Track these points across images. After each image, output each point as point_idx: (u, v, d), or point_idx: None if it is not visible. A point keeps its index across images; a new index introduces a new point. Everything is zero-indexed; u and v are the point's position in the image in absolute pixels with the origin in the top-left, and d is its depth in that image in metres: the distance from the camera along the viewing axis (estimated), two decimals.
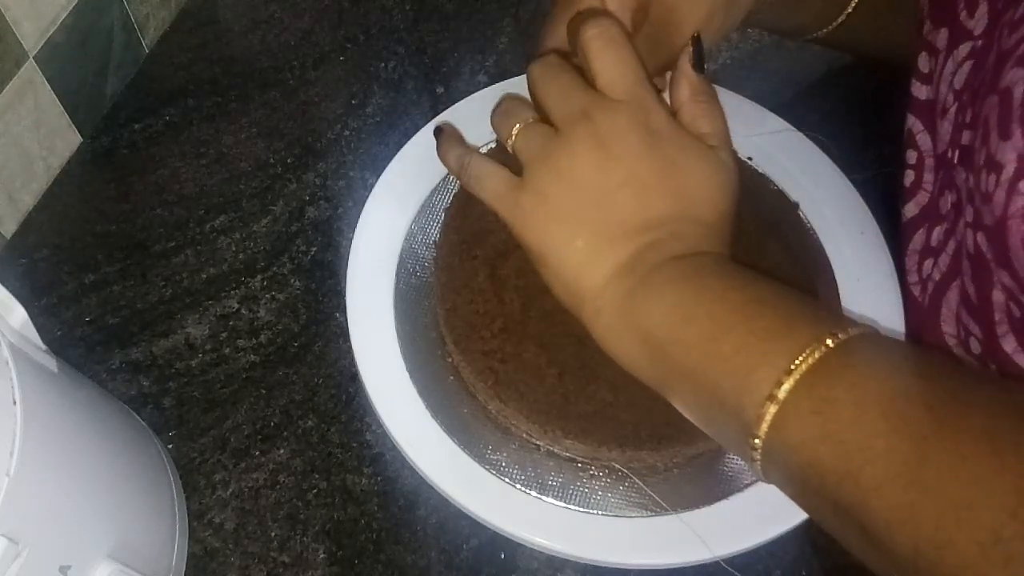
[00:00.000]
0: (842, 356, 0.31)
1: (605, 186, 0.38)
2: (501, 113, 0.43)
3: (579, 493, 0.46)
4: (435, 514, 0.49)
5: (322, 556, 0.48)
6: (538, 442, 0.47)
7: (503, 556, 0.48)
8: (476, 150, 0.45)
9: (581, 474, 0.46)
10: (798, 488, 0.32)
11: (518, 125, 0.41)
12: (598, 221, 0.38)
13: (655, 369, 0.37)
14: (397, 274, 0.52)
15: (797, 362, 0.31)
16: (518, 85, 0.60)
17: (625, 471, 0.46)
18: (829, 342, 0.31)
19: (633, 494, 0.46)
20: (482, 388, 0.46)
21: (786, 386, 0.31)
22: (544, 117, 0.41)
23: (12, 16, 0.53)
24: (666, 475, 0.46)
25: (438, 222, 0.53)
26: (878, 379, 0.30)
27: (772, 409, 0.31)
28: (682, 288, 0.36)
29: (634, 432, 0.44)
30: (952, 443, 0.28)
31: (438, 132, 0.46)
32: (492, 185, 0.41)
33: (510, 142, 0.41)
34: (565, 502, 0.45)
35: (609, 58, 0.40)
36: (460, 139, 0.45)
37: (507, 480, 0.46)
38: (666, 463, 0.46)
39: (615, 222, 0.38)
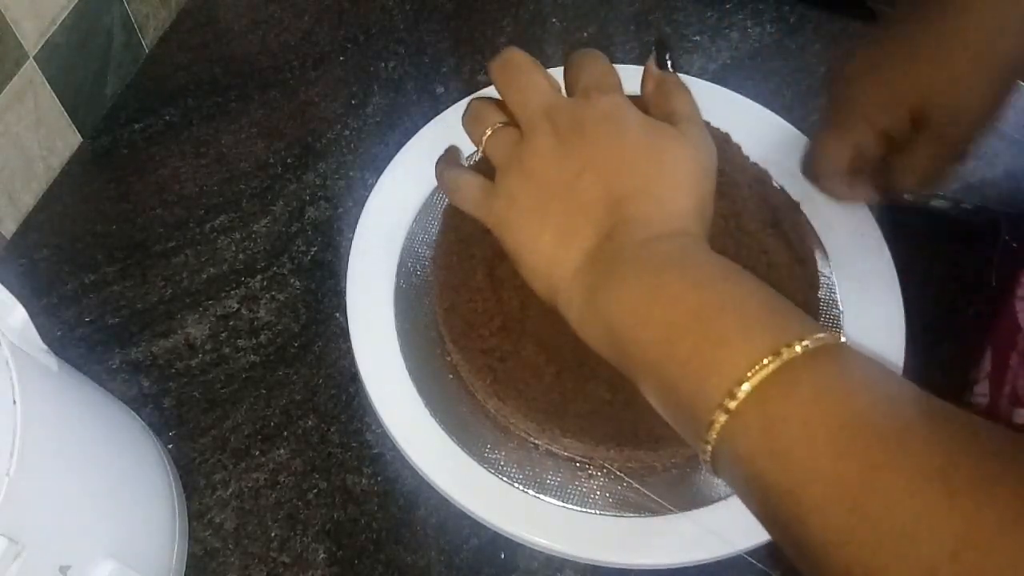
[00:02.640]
0: (797, 371, 0.30)
1: (566, 176, 0.38)
2: (471, 118, 0.43)
3: (577, 492, 0.46)
4: (435, 514, 0.49)
5: (322, 556, 0.48)
6: (536, 441, 0.47)
7: (503, 556, 0.48)
8: (459, 164, 0.45)
9: (579, 473, 0.46)
10: (741, 494, 0.32)
11: (488, 130, 0.41)
12: (563, 212, 0.38)
13: (621, 360, 0.36)
14: (397, 274, 0.52)
15: (749, 374, 0.30)
16: None
17: (619, 474, 0.46)
18: (785, 354, 0.30)
19: (631, 494, 0.46)
20: (480, 386, 0.46)
21: (737, 397, 0.30)
22: (513, 119, 0.42)
23: (12, 16, 0.53)
24: (664, 475, 0.46)
25: (438, 221, 0.53)
26: (834, 399, 0.29)
27: (722, 419, 0.31)
28: (640, 287, 0.35)
29: (632, 431, 0.44)
30: (904, 476, 0.27)
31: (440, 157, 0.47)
32: (469, 193, 0.42)
33: (481, 147, 0.42)
34: (563, 501, 0.45)
35: (586, 67, 0.41)
36: (454, 158, 0.46)
37: (506, 480, 0.46)
38: (664, 463, 0.46)
39: (579, 210, 0.38)
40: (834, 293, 0.52)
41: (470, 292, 0.48)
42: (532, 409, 0.45)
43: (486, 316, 0.47)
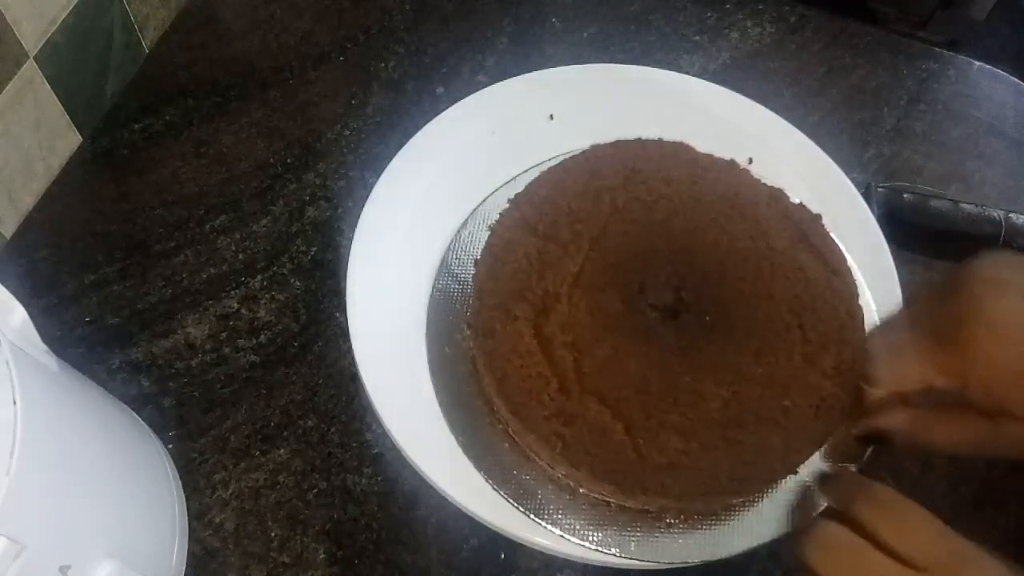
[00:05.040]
0: None
1: None
2: None
3: (657, 544, 0.45)
4: (435, 514, 0.49)
5: (322, 556, 0.48)
6: (610, 499, 0.45)
7: (503, 556, 0.48)
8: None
9: (657, 523, 0.45)
10: None
11: None
12: None
13: None
14: (397, 272, 0.52)
15: None
16: (518, 84, 0.60)
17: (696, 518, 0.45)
18: None
19: (711, 534, 0.45)
20: (548, 455, 0.44)
21: None
22: None
23: (12, 16, 0.53)
24: (741, 514, 0.45)
25: (470, 287, 0.52)
26: None
27: None
28: None
29: (713, 478, 0.43)
30: None
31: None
32: None
33: None
34: (640, 559, 0.44)
35: (895, 524, 0.36)
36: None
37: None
38: (744, 501, 0.45)
39: None
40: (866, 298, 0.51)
41: (520, 357, 0.45)
42: (608, 470, 0.43)
43: (542, 381, 0.45)
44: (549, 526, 0.44)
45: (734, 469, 0.43)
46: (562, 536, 0.44)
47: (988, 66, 0.67)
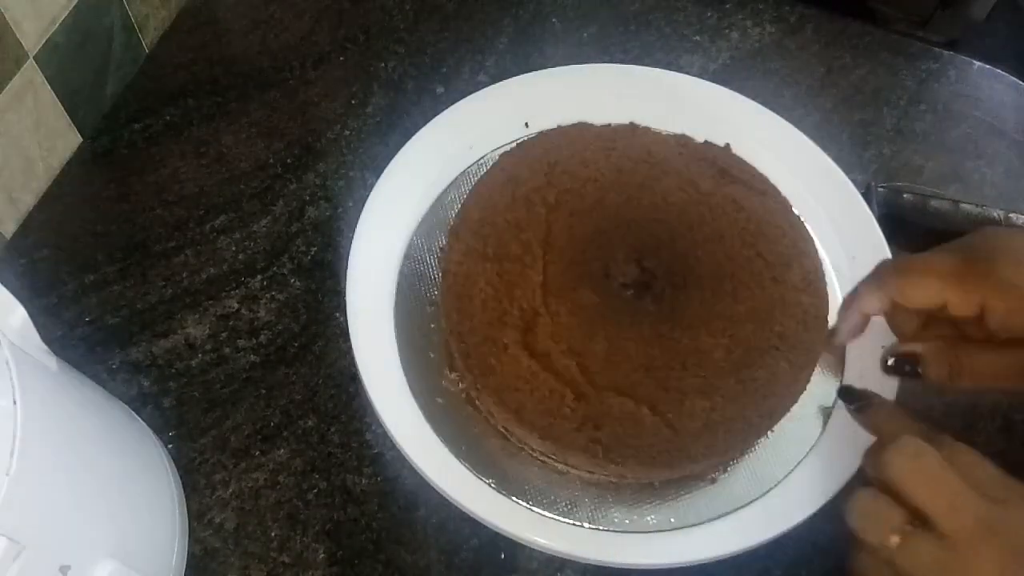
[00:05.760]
0: None
1: None
2: (863, 516, 0.37)
3: (709, 499, 0.46)
4: (435, 514, 0.49)
5: (322, 556, 0.48)
6: (655, 481, 0.46)
7: (503, 556, 0.48)
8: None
9: (700, 482, 0.46)
10: None
11: (895, 537, 0.36)
12: None
13: None
14: (397, 274, 0.52)
15: None
16: (517, 84, 0.60)
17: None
18: None
19: (751, 473, 0.46)
20: (591, 463, 0.44)
21: None
22: (913, 515, 0.36)
23: (12, 16, 0.53)
24: (773, 440, 0.47)
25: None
26: None
27: None
28: None
29: (746, 422, 0.44)
30: None
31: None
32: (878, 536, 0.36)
33: (887, 553, 0.36)
34: (697, 521, 0.45)
35: (970, 462, 0.36)
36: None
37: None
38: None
39: None
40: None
41: (527, 382, 0.45)
42: (654, 455, 0.43)
43: (556, 396, 0.44)
44: (609, 530, 0.45)
45: (759, 406, 0.44)
46: (623, 532, 0.45)
47: (988, 66, 0.68)
